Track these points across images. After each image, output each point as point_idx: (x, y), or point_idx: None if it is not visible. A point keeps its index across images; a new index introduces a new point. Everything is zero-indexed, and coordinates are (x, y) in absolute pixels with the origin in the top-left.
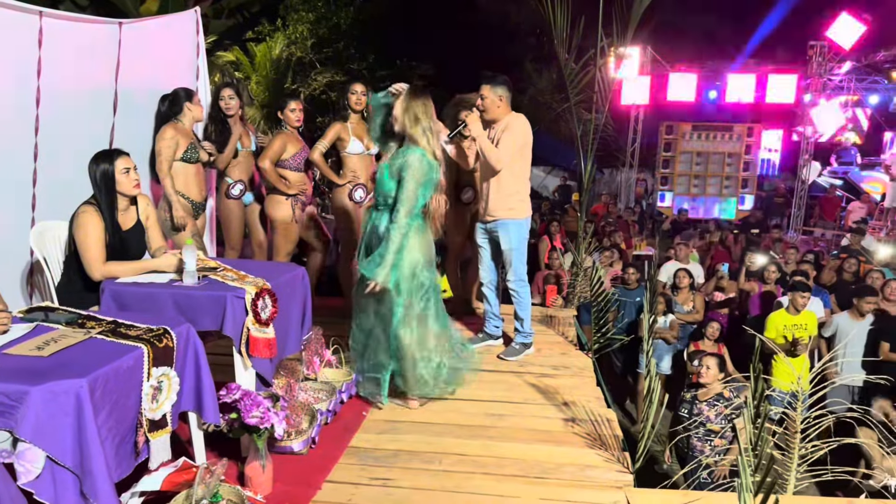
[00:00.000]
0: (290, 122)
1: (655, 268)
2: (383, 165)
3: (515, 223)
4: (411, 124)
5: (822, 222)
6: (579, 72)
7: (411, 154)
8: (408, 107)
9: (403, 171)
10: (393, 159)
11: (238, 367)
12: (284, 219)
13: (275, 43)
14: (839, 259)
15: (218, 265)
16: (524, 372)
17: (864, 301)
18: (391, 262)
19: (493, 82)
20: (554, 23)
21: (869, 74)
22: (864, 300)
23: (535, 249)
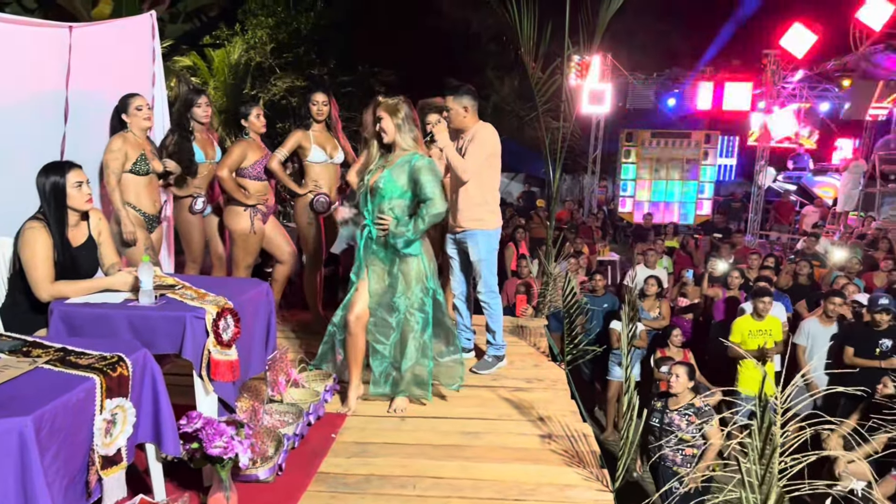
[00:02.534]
0: (257, 128)
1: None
2: (384, 175)
3: (484, 234)
4: (406, 133)
5: (777, 226)
6: (546, 80)
7: (420, 159)
8: (402, 117)
9: (419, 174)
10: (393, 168)
11: (199, 392)
12: (243, 230)
13: (233, 48)
14: (795, 263)
15: (176, 283)
16: (498, 386)
17: (831, 303)
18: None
19: (456, 93)
20: (520, 31)
21: (820, 82)
22: (830, 302)
23: (502, 257)
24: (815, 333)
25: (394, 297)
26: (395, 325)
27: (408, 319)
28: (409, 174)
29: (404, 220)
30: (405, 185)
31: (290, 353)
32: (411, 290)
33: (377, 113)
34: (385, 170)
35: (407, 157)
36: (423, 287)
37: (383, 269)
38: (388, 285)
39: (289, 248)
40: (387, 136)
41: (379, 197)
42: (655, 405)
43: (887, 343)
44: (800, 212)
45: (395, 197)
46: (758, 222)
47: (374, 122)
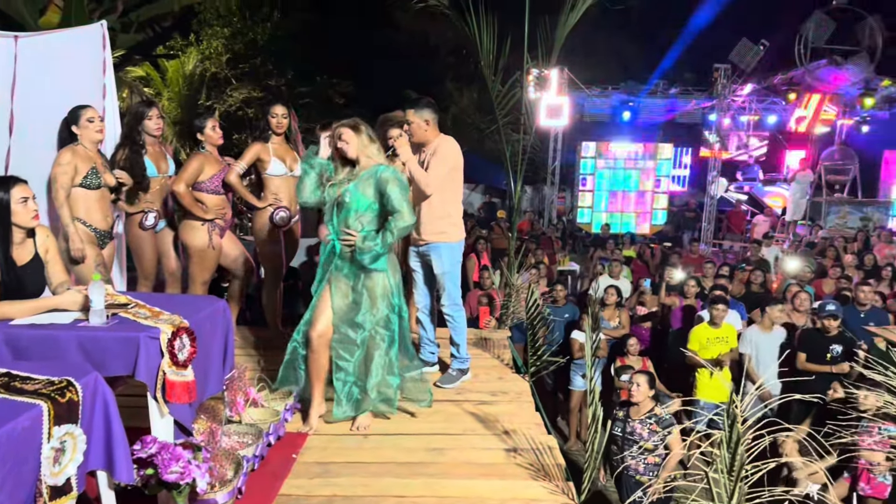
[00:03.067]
0: (213, 140)
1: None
2: (350, 188)
3: (447, 246)
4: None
5: (730, 235)
6: (506, 93)
7: (386, 170)
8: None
9: (387, 185)
10: (359, 181)
11: (153, 415)
12: (201, 245)
13: (188, 58)
14: (746, 272)
15: (129, 301)
16: (462, 400)
17: (772, 310)
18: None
19: (416, 106)
20: (480, 44)
21: (768, 96)
22: (773, 309)
23: (464, 268)
24: (757, 341)
25: (359, 314)
26: (360, 342)
27: (373, 336)
28: (376, 186)
29: (371, 233)
30: (372, 197)
31: (249, 372)
32: (377, 307)
33: (337, 130)
34: (350, 183)
35: (372, 169)
36: (389, 303)
37: (347, 284)
38: (353, 301)
39: (246, 264)
40: (350, 152)
41: (345, 211)
42: (617, 414)
43: (837, 349)
44: (751, 221)
45: (361, 210)
46: (711, 231)
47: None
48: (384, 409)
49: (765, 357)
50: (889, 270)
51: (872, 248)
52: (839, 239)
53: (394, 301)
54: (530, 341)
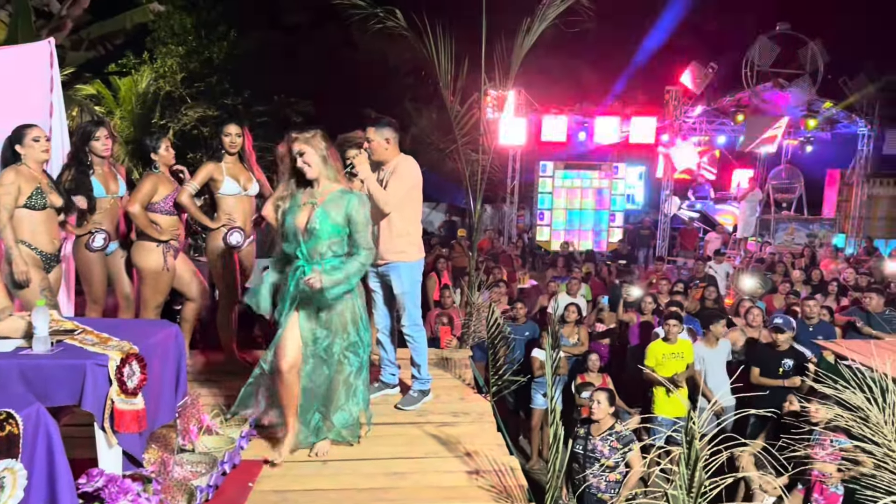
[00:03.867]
0: (167, 160)
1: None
2: (319, 214)
3: (407, 266)
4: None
5: (683, 252)
6: (465, 113)
7: (355, 197)
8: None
9: (356, 215)
10: (326, 204)
11: (101, 445)
12: (155, 268)
13: (141, 76)
14: (700, 288)
15: (76, 327)
16: (423, 422)
17: (716, 326)
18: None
19: (377, 125)
20: (438, 66)
21: (717, 117)
22: (716, 325)
23: (424, 287)
24: (703, 356)
25: (328, 341)
26: (328, 368)
27: (341, 362)
28: (346, 212)
29: (339, 262)
30: (342, 222)
31: (203, 398)
32: (347, 332)
33: (297, 147)
34: (317, 208)
35: (337, 192)
36: (357, 329)
37: (316, 311)
38: (322, 327)
39: (199, 286)
40: (311, 171)
41: (315, 238)
42: (578, 432)
43: (789, 363)
44: (703, 238)
45: (334, 237)
46: (665, 248)
47: (290, 157)
48: (346, 435)
49: (713, 372)
50: (835, 285)
51: (818, 263)
52: (787, 255)
53: (362, 325)
54: (491, 360)
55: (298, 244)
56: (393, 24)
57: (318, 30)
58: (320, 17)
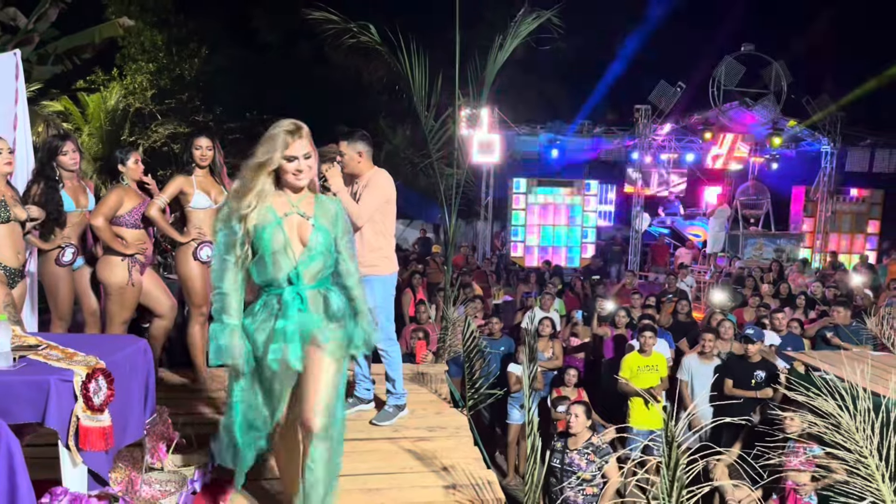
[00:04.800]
0: (134, 175)
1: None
2: (317, 228)
3: (380, 280)
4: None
5: (654, 267)
6: (439, 129)
7: (336, 201)
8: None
9: (344, 220)
10: (318, 218)
11: (65, 464)
12: (120, 283)
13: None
14: (672, 302)
15: (40, 342)
16: (399, 437)
17: (703, 339)
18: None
19: (350, 138)
20: (412, 81)
21: (686, 135)
22: (702, 338)
23: (399, 303)
24: (694, 369)
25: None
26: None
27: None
28: (336, 220)
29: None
30: (332, 234)
31: (172, 416)
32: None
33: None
34: (311, 220)
35: (316, 199)
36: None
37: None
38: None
39: (168, 302)
40: (306, 177)
41: (311, 258)
42: (555, 446)
43: (761, 374)
44: (674, 253)
45: (327, 253)
46: (637, 263)
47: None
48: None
49: (700, 384)
50: (803, 298)
51: (787, 277)
52: (756, 269)
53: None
54: (468, 374)
55: (294, 266)
56: (367, 39)
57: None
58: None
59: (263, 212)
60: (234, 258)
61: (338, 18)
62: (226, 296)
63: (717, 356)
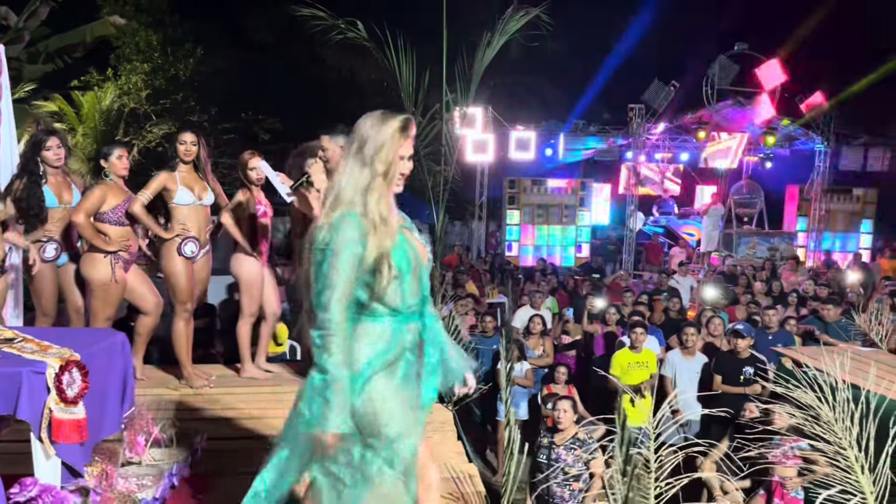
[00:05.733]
0: (118, 170)
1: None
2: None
3: None
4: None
5: (649, 266)
6: (426, 126)
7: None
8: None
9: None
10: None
11: (37, 457)
12: (102, 280)
13: (104, 93)
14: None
15: (15, 335)
16: None
17: (685, 335)
18: None
19: (332, 132)
20: (400, 77)
21: (680, 134)
22: (684, 334)
23: None
24: (677, 364)
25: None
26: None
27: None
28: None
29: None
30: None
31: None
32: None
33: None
34: (414, 231)
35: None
36: None
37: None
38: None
39: (154, 299)
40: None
41: (425, 282)
42: (542, 441)
43: (749, 370)
44: (668, 253)
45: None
46: (631, 263)
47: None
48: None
49: (683, 380)
50: (794, 296)
51: (779, 275)
52: (749, 268)
53: None
54: None
55: (415, 299)
56: (354, 35)
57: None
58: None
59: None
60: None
61: (325, 15)
62: (340, 332)
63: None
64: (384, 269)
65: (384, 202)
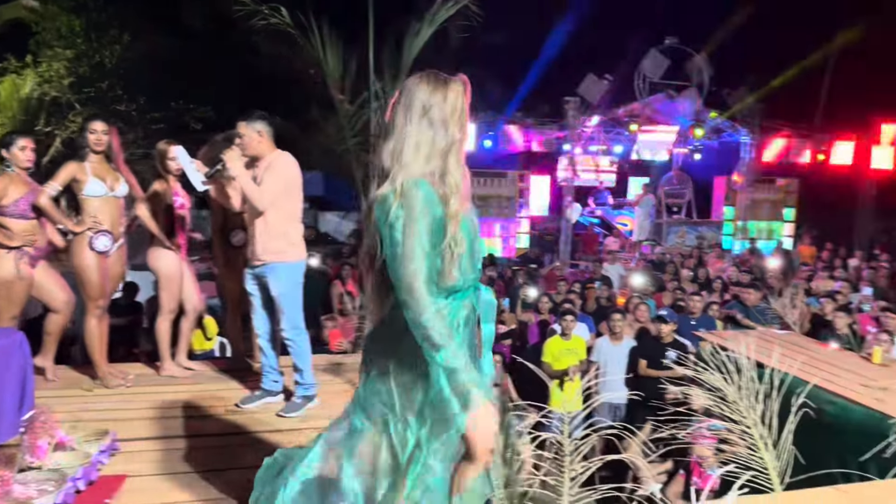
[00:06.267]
0: (19, 162)
1: None
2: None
3: (285, 266)
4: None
5: (585, 256)
6: (355, 113)
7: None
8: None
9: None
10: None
11: None
12: (6, 277)
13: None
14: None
15: None
16: (307, 428)
17: (611, 321)
18: None
19: (249, 118)
20: (326, 64)
21: (614, 127)
22: (611, 320)
23: (328, 295)
24: (606, 350)
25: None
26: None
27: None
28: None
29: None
30: None
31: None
32: None
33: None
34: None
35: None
36: None
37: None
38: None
39: (64, 296)
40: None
41: (479, 259)
42: None
43: (672, 354)
44: (603, 242)
45: None
46: (568, 253)
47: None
48: None
49: (612, 365)
50: (719, 283)
51: (706, 263)
52: (677, 256)
53: None
54: None
55: (471, 273)
56: (278, 21)
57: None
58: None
59: (454, 206)
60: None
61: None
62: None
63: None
64: (457, 237)
65: (460, 166)
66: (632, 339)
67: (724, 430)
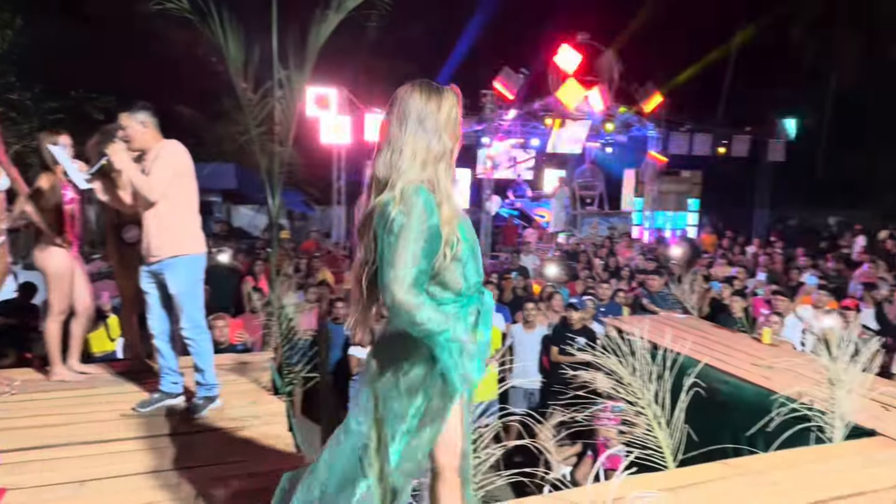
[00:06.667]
0: None
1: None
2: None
3: (184, 261)
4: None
5: (504, 247)
6: (258, 102)
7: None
8: None
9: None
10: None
11: None
12: None
13: None
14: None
15: None
16: (207, 430)
17: (525, 311)
18: None
19: (131, 109)
20: (228, 51)
21: (530, 120)
22: (525, 309)
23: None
24: (519, 338)
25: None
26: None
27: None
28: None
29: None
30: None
31: None
32: None
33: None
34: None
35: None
36: None
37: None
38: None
39: None
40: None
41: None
42: None
43: (581, 340)
44: (522, 234)
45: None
46: (489, 244)
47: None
48: None
49: (524, 352)
50: (628, 270)
51: (616, 252)
52: (590, 245)
53: None
54: (284, 360)
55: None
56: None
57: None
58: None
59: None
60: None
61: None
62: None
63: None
64: (453, 241)
65: (451, 175)
66: (545, 327)
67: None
